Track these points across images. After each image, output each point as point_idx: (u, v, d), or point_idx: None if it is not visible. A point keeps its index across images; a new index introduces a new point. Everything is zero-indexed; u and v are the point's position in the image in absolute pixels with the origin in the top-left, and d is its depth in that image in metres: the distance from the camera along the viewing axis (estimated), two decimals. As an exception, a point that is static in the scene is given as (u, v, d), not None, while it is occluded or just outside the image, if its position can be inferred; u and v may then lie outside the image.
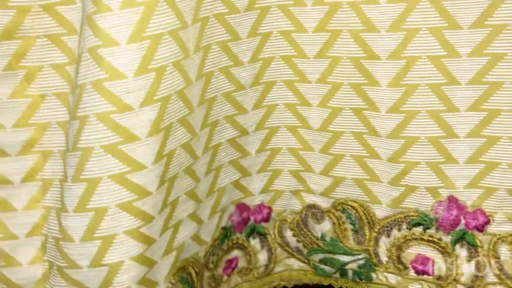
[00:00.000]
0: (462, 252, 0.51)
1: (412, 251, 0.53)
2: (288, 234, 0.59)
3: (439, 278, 0.52)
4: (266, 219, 0.59)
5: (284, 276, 0.60)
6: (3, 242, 0.46)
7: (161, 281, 0.48)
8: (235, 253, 0.58)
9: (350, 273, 0.57)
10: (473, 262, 0.51)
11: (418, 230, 0.53)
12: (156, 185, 0.44)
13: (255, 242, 0.58)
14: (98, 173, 0.42)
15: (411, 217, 0.53)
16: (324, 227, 0.57)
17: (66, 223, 0.43)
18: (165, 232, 0.48)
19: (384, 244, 0.54)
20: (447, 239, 0.51)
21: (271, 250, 0.59)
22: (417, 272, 0.53)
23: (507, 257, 0.50)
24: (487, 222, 0.50)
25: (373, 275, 0.56)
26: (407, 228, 0.53)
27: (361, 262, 0.56)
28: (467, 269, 0.51)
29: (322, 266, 0.58)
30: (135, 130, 0.42)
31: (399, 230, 0.53)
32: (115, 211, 0.42)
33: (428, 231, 0.52)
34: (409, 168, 0.51)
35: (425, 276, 0.53)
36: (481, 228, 0.50)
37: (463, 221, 0.50)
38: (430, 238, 0.52)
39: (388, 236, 0.54)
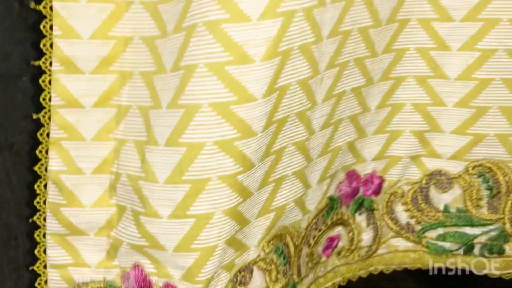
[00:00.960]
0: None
1: None
2: (399, 209, 0.50)
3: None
4: (377, 191, 0.48)
5: (386, 259, 0.51)
6: (66, 176, 0.39)
7: (252, 245, 0.42)
8: (338, 230, 0.49)
9: (477, 248, 0.49)
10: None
11: None
12: (263, 124, 0.36)
13: (361, 219, 0.50)
14: (199, 98, 0.34)
15: None
16: (449, 197, 0.49)
17: (152, 158, 0.36)
18: (264, 186, 0.40)
19: None
20: None
21: (377, 229, 0.50)
22: None
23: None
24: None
25: (506, 247, 0.49)
26: None
27: (493, 233, 0.49)
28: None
29: (440, 243, 0.49)
30: (248, 49, 0.34)
31: None
32: (211, 149, 0.35)
33: None
34: None
35: None
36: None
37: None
38: None
39: None
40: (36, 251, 0.40)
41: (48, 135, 0.38)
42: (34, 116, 0.37)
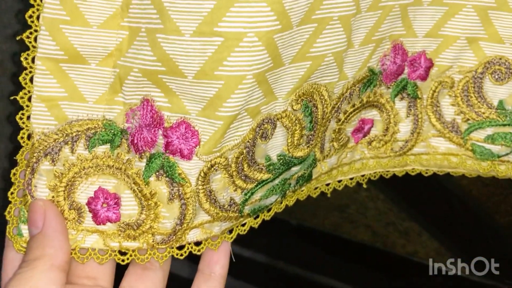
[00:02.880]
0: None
1: None
2: (446, 102, 0.43)
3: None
4: (424, 76, 0.42)
5: (423, 160, 0.44)
6: None
7: (280, 96, 0.36)
8: (373, 114, 0.43)
9: None
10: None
11: None
12: None
13: (401, 106, 0.43)
14: None
15: None
16: (507, 91, 0.42)
17: None
18: (306, 24, 0.34)
19: None
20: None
21: (418, 121, 0.43)
22: None
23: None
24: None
25: None
26: None
27: None
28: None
29: (487, 146, 0.43)
30: None
31: None
32: None
33: None
34: None
35: None
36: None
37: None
38: None
39: None
40: (21, 78, 0.32)
41: None
42: None
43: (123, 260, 0.34)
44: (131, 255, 0.34)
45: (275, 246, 0.73)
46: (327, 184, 0.44)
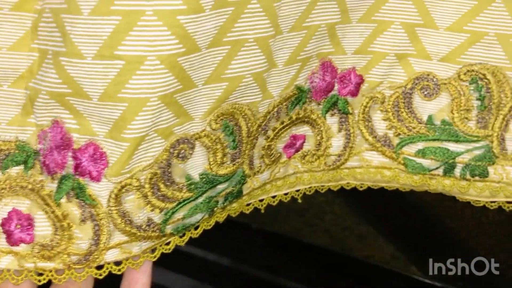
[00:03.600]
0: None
1: None
2: (376, 117, 0.43)
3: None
4: (354, 93, 0.42)
5: (357, 173, 0.45)
6: None
7: (197, 117, 0.36)
8: (304, 130, 0.43)
9: (458, 168, 0.43)
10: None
11: None
12: None
13: (332, 122, 0.44)
14: None
15: None
16: (435, 106, 0.43)
17: None
18: (217, 46, 0.34)
19: None
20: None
21: (350, 136, 0.43)
22: None
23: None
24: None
25: (491, 170, 0.43)
26: None
27: (478, 152, 0.43)
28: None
29: (418, 160, 0.43)
30: None
31: None
32: None
33: None
34: None
35: None
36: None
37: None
38: None
39: None
40: None
41: None
42: None
43: (39, 281, 0.34)
44: (47, 275, 0.34)
45: (238, 250, 0.74)
46: (261, 200, 0.44)
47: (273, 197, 0.45)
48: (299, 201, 0.44)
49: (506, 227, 0.61)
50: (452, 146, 0.43)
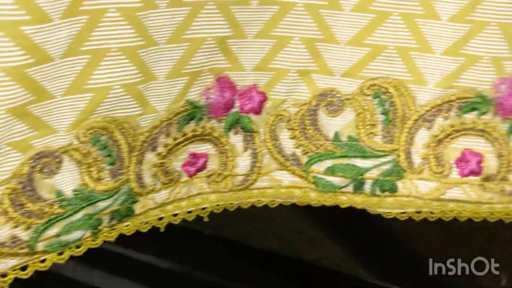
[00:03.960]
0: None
1: (459, 146, 0.42)
2: (284, 136, 0.42)
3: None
4: (257, 110, 0.41)
5: (268, 194, 0.44)
6: None
7: (61, 130, 0.35)
8: (206, 148, 0.42)
9: (368, 184, 0.43)
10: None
11: (470, 117, 0.41)
12: None
13: (236, 140, 0.42)
14: None
15: (466, 100, 0.40)
16: (341, 122, 0.42)
17: None
18: (75, 55, 0.33)
19: (421, 140, 0.41)
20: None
21: (257, 155, 0.42)
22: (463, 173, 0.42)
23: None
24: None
25: (400, 184, 0.42)
26: (456, 115, 0.41)
27: (386, 167, 0.42)
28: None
29: (328, 178, 0.42)
30: None
31: (446, 118, 0.41)
32: None
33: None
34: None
35: None
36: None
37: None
38: None
39: (430, 128, 0.41)
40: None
41: None
42: None
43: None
44: None
45: (191, 256, 0.73)
46: (160, 219, 0.42)
47: (175, 215, 0.43)
48: (205, 219, 0.43)
49: (444, 228, 0.62)
50: (360, 162, 0.42)
